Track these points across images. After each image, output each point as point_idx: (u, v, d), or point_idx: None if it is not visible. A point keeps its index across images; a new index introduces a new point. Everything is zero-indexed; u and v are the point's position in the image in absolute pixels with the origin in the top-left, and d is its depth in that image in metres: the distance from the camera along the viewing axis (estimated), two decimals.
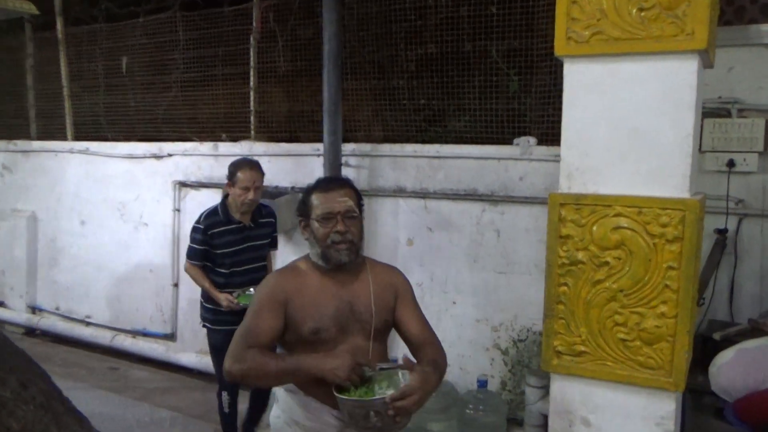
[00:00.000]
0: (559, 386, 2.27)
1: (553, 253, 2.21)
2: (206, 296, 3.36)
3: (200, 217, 3.34)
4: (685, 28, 2.04)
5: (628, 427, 2.17)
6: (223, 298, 3.22)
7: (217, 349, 3.29)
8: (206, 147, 4.85)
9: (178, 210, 4.99)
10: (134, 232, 5.21)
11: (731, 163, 3.01)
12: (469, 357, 3.85)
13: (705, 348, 2.72)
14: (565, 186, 2.23)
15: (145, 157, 5.13)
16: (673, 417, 2.13)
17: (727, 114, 3.04)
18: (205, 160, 4.86)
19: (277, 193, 4.39)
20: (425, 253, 3.96)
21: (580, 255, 2.17)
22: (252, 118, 4.76)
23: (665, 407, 2.13)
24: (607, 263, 2.14)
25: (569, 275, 2.19)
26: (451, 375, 3.75)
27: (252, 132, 4.77)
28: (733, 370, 2.49)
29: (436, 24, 3.93)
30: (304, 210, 2.03)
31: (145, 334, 5.12)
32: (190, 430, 3.92)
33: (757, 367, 2.43)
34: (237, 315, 2.96)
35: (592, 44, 2.15)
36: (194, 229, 3.32)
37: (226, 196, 3.35)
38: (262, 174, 3.39)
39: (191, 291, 4.92)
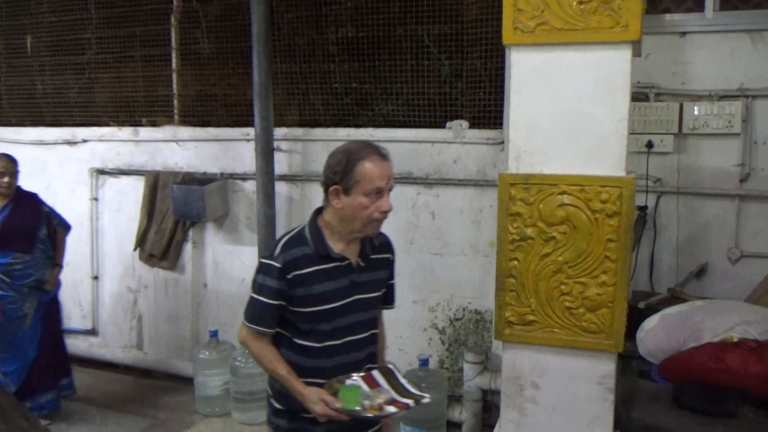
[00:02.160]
0: (511, 354, 2.41)
1: (504, 230, 2.33)
2: (278, 388, 1.96)
3: (276, 246, 1.92)
4: (620, 21, 2.20)
5: (573, 387, 2.34)
6: (315, 398, 1.80)
7: None
8: (125, 132, 4.64)
9: (96, 199, 4.75)
10: None
11: (650, 144, 3.27)
12: (407, 338, 3.95)
13: (630, 316, 2.95)
14: (513, 167, 2.34)
15: (56, 143, 4.83)
16: (613, 376, 2.32)
17: (645, 98, 3.30)
18: (125, 146, 4.65)
19: (206, 179, 4.29)
20: None
21: (529, 231, 2.30)
22: (175, 101, 4.60)
23: (606, 367, 2.32)
24: (553, 238, 2.28)
25: (519, 250, 2.32)
26: (391, 356, 3.83)
27: (176, 116, 4.61)
28: (658, 334, 2.73)
29: (366, 7, 3.95)
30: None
31: (64, 331, 4.84)
32: (123, 425, 3.78)
33: (679, 330, 2.69)
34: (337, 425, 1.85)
35: (536, 34, 2.27)
36: (263, 269, 1.89)
37: (319, 212, 1.94)
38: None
39: (113, 283, 4.74)
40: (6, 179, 3.68)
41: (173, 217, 4.29)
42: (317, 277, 1.87)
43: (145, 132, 4.58)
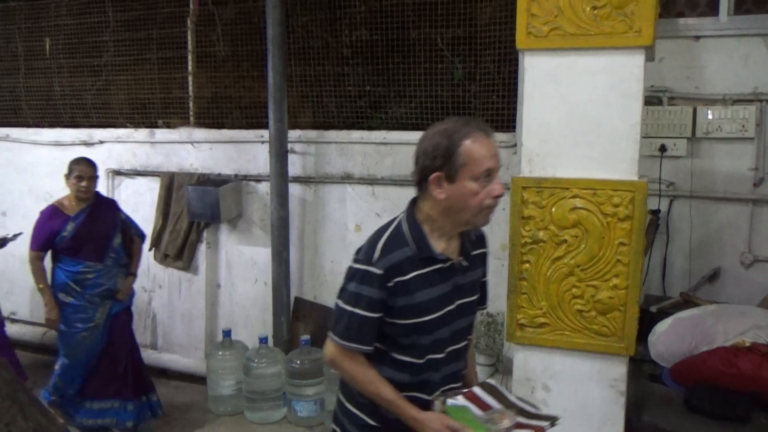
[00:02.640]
0: (522, 357, 2.44)
1: (516, 233, 2.36)
2: (368, 405, 1.71)
3: (372, 249, 1.63)
4: (633, 26, 2.22)
5: (584, 389, 2.36)
6: (438, 426, 1.57)
7: None
8: (141, 134, 4.70)
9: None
10: None
11: (663, 148, 3.27)
12: None
13: (642, 320, 2.96)
14: (526, 170, 2.37)
15: (73, 144, 4.89)
16: (624, 379, 2.34)
17: (659, 102, 3.30)
18: (141, 147, 4.71)
19: (221, 180, 4.33)
20: None
21: (541, 234, 2.33)
22: (191, 103, 4.65)
23: (617, 370, 2.33)
24: (565, 241, 2.30)
25: (531, 253, 2.34)
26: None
27: (191, 118, 4.66)
28: (670, 338, 2.73)
29: (380, 10, 3.99)
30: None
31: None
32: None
33: (691, 334, 2.68)
34: None
35: (550, 39, 2.29)
36: (358, 276, 1.62)
37: (413, 203, 1.69)
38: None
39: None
40: (84, 183, 3.51)
41: (188, 217, 4.35)
42: (419, 283, 1.61)
43: (161, 133, 4.64)
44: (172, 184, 4.50)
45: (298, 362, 3.75)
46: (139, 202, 4.70)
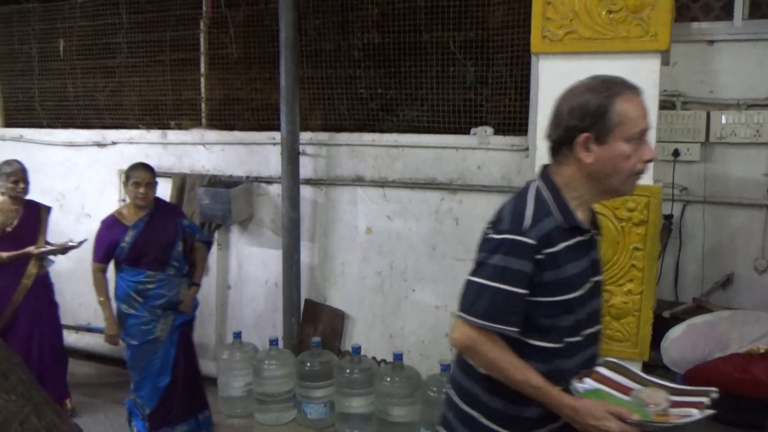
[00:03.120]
0: None
1: None
2: (499, 407, 1.55)
3: (519, 216, 1.48)
4: (649, 30, 2.22)
5: None
6: (602, 412, 1.39)
7: None
8: (154, 135, 4.72)
9: (124, 200, 4.81)
10: (76, 223, 5.00)
11: (676, 153, 3.26)
12: (429, 343, 3.97)
13: (655, 325, 2.95)
14: None
15: (86, 145, 4.93)
16: None
17: (672, 106, 3.29)
18: (153, 149, 4.73)
19: (232, 182, 4.35)
20: (384, 242, 4.04)
21: None
22: (203, 105, 4.67)
23: None
24: None
25: None
26: (412, 361, 3.86)
27: (203, 120, 4.68)
28: (684, 344, 2.72)
29: (392, 13, 3.99)
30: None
31: (90, 330, 4.93)
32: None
33: (704, 340, 2.68)
34: None
35: (565, 43, 2.29)
36: (505, 247, 1.45)
37: (545, 169, 1.58)
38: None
39: None
40: (141, 190, 3.33)
41: (199, 219, 4.36)
42: (567, 255, 1.47)
43: (173, 135, 4.66)
44: (183, 186, 4.52)
45: (309, 364, 3.75)
46: None
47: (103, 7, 4.84)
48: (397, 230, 4.00)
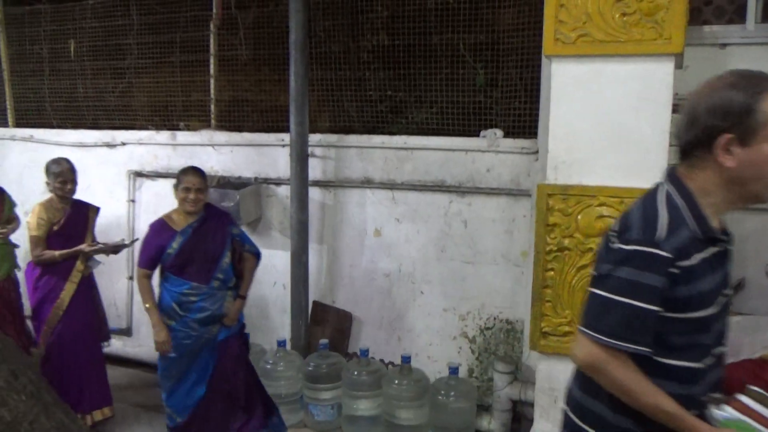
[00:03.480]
0: (545, 365, 2.41)
1: (542, 241, 2.34)
2: (631, 428, 1.43)
3: (652, 225, 1.36)
4: (663, 33, 2.20)
5: None
6: None
7: None
8: (163, 136, 4.73)
9: (133, 201, 4.85)
10: None
11: None
12: (437, 345, 3.96)
13: None
14: (552, 177, 2.35)
15: (96, 145, 4.94)
16: None
17: None
18: (162, 150, 4.74)
19: (241, 183, 4.35)
20: (393, 244, 4.03)
21: (567, 242, 2.31)
22: (212, 106, 4.68)
23: None
24: (591, 249, 2.28)
25: (556, 261, 2.32)
26: (420, 363, 3.85)
27: (212, 121, 4.69)
28: None
29: (402, 16, 3.99)
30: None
31: None
32: (155, 425, 3.85)
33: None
34: None
35: (578, 45, 2.28)
36: (637, 260, 1.35)
37: (673, 173, 1.44)
38: None
39: None
40: (192, 196, 3.13)
41: None
42: (703, 269, 1.35)
43: (183, 136, 4.67)
44: None
45: (316, 366, 3.74)
46: (160, 204, 4.71)
47: (113, 9, 4.86)
48: (405, 232, 3.99)
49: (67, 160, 3.77)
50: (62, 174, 3.69)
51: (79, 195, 5.15)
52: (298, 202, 3.99)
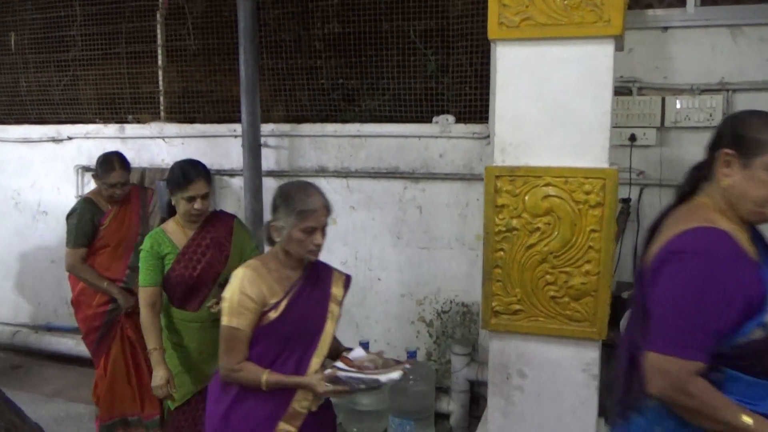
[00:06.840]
0: (497, 343, 2.46)
1: (491, 222, 2.37)
2: None
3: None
4: (603, 16, 2.25)
5: (559, 374, 2.39)
6: None
7: None
8: (111, 129, 4.62)
9: (80, 197, 4.72)
10: (32, 221, 4.88)
11: (633, 138, 3.32)
12: (395, 331, 3.98)
13: (614, 306, 3.01)
14: (499, 159, 2.39)
15: (41, 140, 4.80)
16: (597, 363, 2.38)
17: (628, 92, 3.35)
18: (111, 143, 4.62)
19: None
20: (349, 232, 4.03)
21: (515, 222, 2.35)
22: (161, 98, 4.59)
23: (590, 354, 2.37)
24: (538, 229, 2.33)
25: (505, 241, 2.36)
26: (378, 349, 3.86)
27: (162, 113, 4.60)
28: None
29: (352, 3, 3.98)
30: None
31: (50, 329, 4.82)
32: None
33: None
34: None
35: (522, 29, 2.31)
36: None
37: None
38: None
39: None
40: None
41: (159, 213, 4.28)
42: None
43: (131, 129, 4.57)
44: (143, 180, 4.43)
45: None
46: None
47: (55, 0, 4.70)
48: (361, 220, 3.99)
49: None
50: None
51: (25, 193, 5.02)
52: (252, 193, 3.95)
